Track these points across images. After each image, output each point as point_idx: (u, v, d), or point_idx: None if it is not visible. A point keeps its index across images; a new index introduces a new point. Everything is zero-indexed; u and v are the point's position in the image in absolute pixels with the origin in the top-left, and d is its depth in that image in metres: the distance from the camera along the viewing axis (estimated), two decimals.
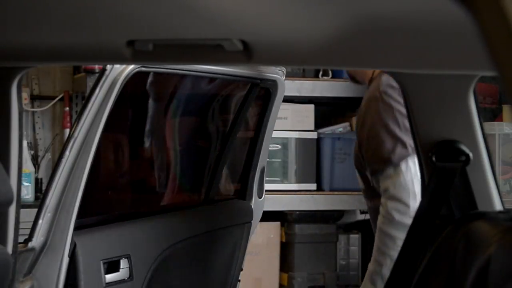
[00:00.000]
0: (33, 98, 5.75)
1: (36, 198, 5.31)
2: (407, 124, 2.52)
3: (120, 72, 2.71)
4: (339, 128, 5.63)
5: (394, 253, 2.77)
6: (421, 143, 2.29)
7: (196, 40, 1.70)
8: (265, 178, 3.78)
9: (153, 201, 3.55)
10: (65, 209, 2.66)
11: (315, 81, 5.51)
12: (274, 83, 3.54)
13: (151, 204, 3.48)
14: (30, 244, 2.60)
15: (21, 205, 2.24)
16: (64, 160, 2.66)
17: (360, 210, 5.61)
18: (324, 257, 5.45)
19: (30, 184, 5.31)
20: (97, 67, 4.96)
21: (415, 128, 2.29)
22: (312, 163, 5.49)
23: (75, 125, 2.68)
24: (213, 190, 3.56)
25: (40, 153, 5.71)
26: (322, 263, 5.45)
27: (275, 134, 3.74)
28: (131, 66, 2.72)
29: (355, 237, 5.60)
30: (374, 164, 3.15)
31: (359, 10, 1.49)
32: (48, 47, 1.85)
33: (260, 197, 3.74)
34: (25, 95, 5.42)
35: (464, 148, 2.26)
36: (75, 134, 2.67)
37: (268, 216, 4.68)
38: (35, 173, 5.52)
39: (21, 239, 2.39)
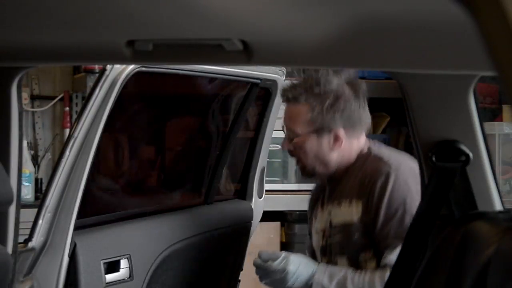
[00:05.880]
0: (33, 98, 5.75)
1: (36, 198, 5.30)
2: None
3: (120, 72, 2.71)
4: None
5: None
6: (421, 143, 2.29)
7: (196, 40, 1.70)
8: (265, 178, 3.78)
9: (153, 201, 3.54)
10: (65, 209, 2.66)
11: None
12: (274, 83, 3.54)
13: (151, 204, 3.48)
14: (30, 244, 2.60)
15: (21, 205, 2.24)
16: (64, 160, 2.66)
17: None
18: None
19: (30, 184, 5.30)
20: (97, 67, 4.96)
21: (415, 128, 2.29)
22: None
23: (75, 125, 2.68)
24: (213, 190, 3.55)
25: (40, 153, 5.71)
26: None
27: (275, 134, 3.74)
28: (131, 66, 2.72)
29: None
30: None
31: (359, 10, 1.49)
32: (48, 47, 1.85)
33: (260, 197, 3.74)
34: (25, 95, 5.42)
35: (464, 148, 2.26)
36: (75, 134, 2.67)
37: (268, 216, 4.67)
38: (35, 173, 5.52)
39: (21, 239, 2.39)
